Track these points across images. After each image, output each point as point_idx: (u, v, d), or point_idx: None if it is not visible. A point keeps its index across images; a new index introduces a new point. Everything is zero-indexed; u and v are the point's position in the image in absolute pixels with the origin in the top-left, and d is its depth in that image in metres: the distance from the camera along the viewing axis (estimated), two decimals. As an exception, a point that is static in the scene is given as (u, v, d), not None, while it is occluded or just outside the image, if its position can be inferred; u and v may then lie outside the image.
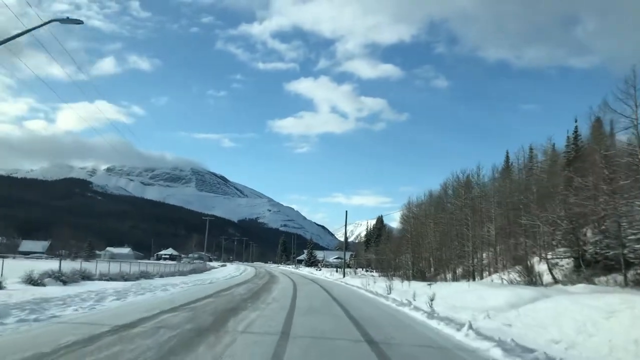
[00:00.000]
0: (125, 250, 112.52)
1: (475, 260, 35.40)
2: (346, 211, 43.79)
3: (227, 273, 41.83)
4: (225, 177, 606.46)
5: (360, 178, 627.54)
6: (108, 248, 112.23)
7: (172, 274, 32.46)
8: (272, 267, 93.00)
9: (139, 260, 70.17)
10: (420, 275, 38.38)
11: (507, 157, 47.50)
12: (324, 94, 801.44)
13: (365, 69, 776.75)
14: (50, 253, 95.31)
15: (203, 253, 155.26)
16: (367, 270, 64.83)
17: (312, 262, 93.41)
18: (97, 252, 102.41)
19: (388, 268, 51.80)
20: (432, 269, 44.84)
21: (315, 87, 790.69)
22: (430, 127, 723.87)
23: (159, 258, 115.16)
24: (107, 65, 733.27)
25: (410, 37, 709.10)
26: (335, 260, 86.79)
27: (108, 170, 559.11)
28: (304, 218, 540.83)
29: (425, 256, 43.89)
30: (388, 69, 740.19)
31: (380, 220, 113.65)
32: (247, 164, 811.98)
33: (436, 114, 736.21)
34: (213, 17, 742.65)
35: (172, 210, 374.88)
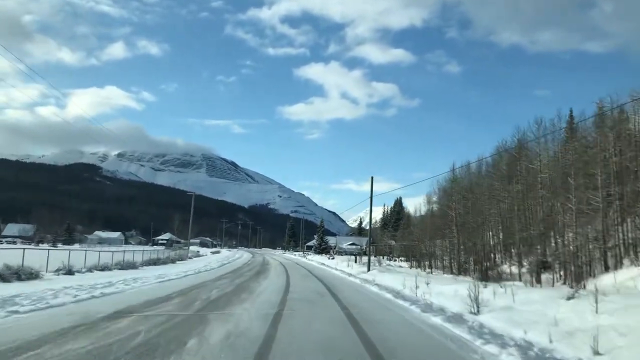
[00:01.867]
0: (115, 234, 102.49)
1: (553, 246, 23.71)
2: (372, 177, 31.86)
3: (202, 265, 30.23)
4: (236, 162, 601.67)
5: (371, 164, 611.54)
6: (96, 232, 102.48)
7: (106, 268, 21.31)
8: (276, 254, 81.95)
9: (124, 248, 60.37)
10: (480, 269, 26.69)
11: (572, 115, 35.34)
12: (335, 79, 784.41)
13: (376, 54, 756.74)
14: (36, 237, 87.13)
15: (207, 238, 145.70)
16: (389, 259, 53.43)
17: (323, 249, 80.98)
18: (87, 236, 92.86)
19: (420, 257, 40.24)
20: (476, 259, 33.04)
21: (325, 73, 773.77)
22: (442, 112, 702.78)
23: (155, 243, 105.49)
24: (116, 51, 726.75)
25: (421, 21, 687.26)
26: (349, 246, 75.38)
27: (119, 155, 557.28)
28: (315, 204, 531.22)
29: (475, 241, 32.15)
30: (399, 54, 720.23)
31: (398, 202, 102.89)
32: (257, 150, 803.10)
33: (448, 99, 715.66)
34: (222, 1, 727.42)
35: (182, 195, 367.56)
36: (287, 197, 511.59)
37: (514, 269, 27.64)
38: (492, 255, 31.44)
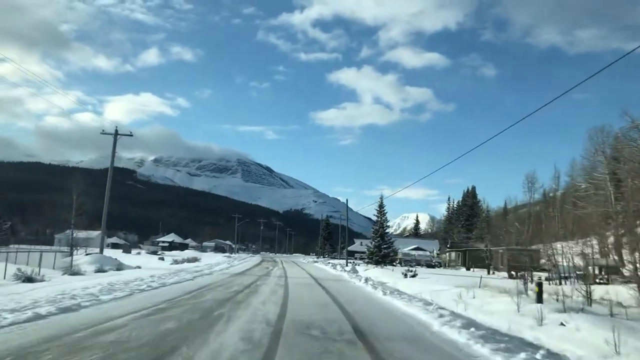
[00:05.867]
0: (95, 233, 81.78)
1: None
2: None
3: None
4: (271, 168, 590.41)
5: (405, 170, 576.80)
6: (67, 231, 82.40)
7: None
8: (301, 262, 57.63)
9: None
10: None
11: None
12: (367, 84, 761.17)
13: (410, 58, 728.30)
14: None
15: (226, 242, 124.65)
16: (493, 272, 28.72)
17: (384, 256, 46.14)
18: (56, 235, 74.08)
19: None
20: None
21: (358, 78, 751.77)
22: (477, 117, 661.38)
23: (157, 245, 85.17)
24: (150, 57, 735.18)
25: (455, 24, 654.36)
26: (415, 252, 50.69)
27: (155, 161, 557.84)
28: (350, 209, 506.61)
29: None
30: (433, 58, 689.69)
31: (471, 193, 77.07)
32: (291, 155, 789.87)
33: (483, 103, 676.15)
34: (254, 7, 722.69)
35: (215, 199, 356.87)
36: (322, 202, 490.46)
37: None
38: None
